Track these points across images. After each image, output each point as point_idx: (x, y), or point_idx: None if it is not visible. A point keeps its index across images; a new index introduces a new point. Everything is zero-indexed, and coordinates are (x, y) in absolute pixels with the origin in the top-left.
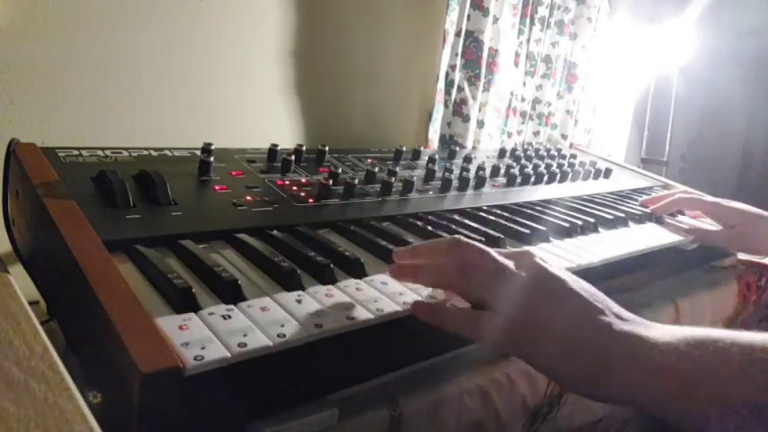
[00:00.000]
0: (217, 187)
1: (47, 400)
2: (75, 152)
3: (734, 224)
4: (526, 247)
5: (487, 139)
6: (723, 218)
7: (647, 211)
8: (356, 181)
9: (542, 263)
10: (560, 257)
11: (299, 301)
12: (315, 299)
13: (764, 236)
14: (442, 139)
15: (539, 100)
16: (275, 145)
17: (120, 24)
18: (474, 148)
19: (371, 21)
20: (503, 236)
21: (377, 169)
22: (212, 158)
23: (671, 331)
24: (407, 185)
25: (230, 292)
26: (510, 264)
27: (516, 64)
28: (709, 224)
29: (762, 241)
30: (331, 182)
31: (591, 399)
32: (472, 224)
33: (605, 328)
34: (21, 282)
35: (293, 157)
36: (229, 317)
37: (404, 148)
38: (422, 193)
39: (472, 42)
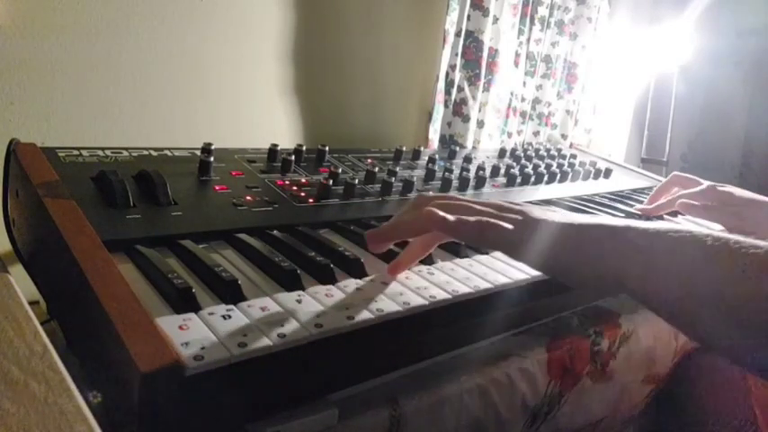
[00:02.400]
0: (217, 187)
1: (47, 400)
2: (75, 152)
3: (734, 204)
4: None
5: (487, 139)
6: (721, 198)
7: (649, 209)
8: (356, 181)
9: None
10: None
11: (299, 301)
12: (315, 299)
13: (764, 220)
14: (442, 139)
15: (539, 100)
16: (275, 145)
17: (120, 24)
18: (474, 148)
19: (371, 21)
20: None
21: (377, 169)
22: (212, 158)
23: (649, 223)
24: (407, 185)
25: (230, 292)
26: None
27: (516, 64)
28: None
29: (761, 224)
30: (331, 182)
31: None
32: None
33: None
34: (21, 282)
35: (293, 157)
36: (229, 317)
37: (404, 148)
38: (422, 193)
39: (472, 42)
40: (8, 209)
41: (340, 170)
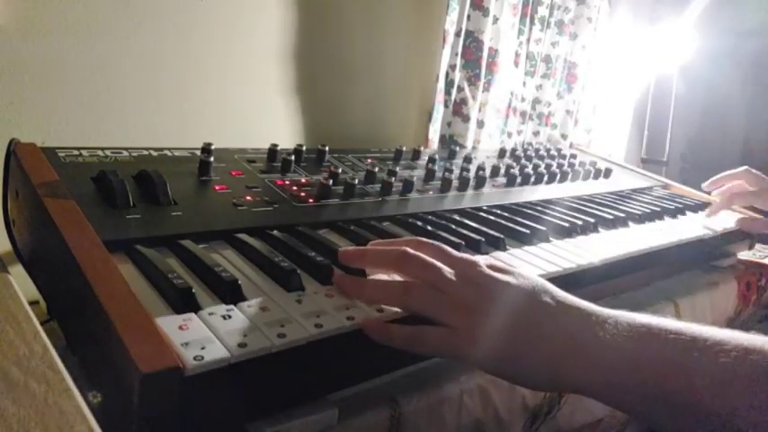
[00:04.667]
0: (217, 187)
1: (47, 400)
2: (75, 152)
3: None
4: (477, 257)
5: (487, 139)
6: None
7: (647, 211)
8: (356, 181)
9: (487, 272)
10: (560, 257)
11: (299, 301)
12: (315, 299)
13: None
14: (442, 139)
15: (539, 100)
16: (275, 145)
17: (120, 24)
18: (474, 148)
19: (371, 21)
20: (503, 236)
21: (377, 169)
22: (212, 158)
23: (616, 320)
24: (407, 185)
25: (230, 292)
26: (453, 279)
27: (516, 64)
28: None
29: None
30: (331, 182)
31: (538, 390)
32: (472, 224)
33: (550, 321)
34: (21, 282)
35: (293, 157)
36: (229, 317)
37: (404, 148)
38: (422, 193)
39: (472, 42)
40: (8, 209)
41: (340, 170)
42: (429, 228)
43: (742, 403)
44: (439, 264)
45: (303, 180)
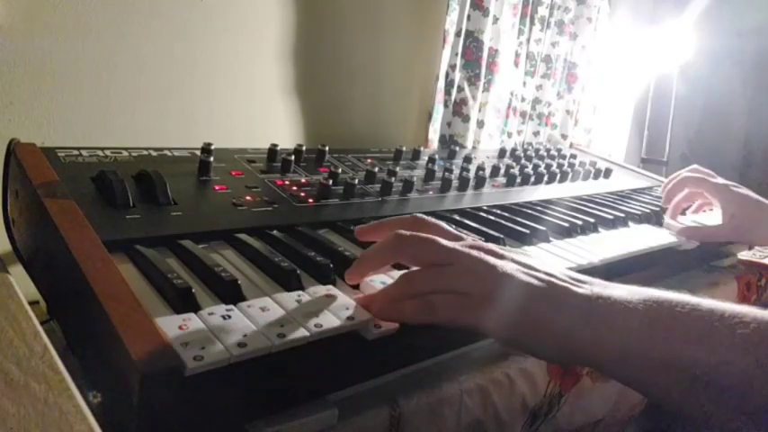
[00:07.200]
0: (217, 187)
1: (47, 400)
2: (75, 152)
3: (732, 213)
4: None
5: (487, 139)
6: (723, 203)
7: (647, 211)
8: (356, 181)
9: (490, 246)
10: (560, 257)
11: (298, 301)
12: (315, 299)
13: (762, 227)
14: (442, 139)
15: (539, 100)
16: (275, 145)
17: (120, 24)
18: (474, 148)
19: (371, 21)
20: (502, 236)
21: (377, 169)
22: (212, 158)
23: (631, 292)
24: (407, 185)
25: (230, 292)
26: (456, 247)
27: (516, 64)
28: (708, 217)
29: (759, 233)
30: (331, 182)
31: (552, 362)
32: (472, 224)
33: (562, 293)
34: (21, 282)
35: (293, 157)
36: (229, 317)
37: (404, 148)
38: (422, 193)
39: (472, 42)
40: (8, 209)
41: (340, 170)
42: None
43: (760, 375)
44: (436, 238)
45: (303, 180)
